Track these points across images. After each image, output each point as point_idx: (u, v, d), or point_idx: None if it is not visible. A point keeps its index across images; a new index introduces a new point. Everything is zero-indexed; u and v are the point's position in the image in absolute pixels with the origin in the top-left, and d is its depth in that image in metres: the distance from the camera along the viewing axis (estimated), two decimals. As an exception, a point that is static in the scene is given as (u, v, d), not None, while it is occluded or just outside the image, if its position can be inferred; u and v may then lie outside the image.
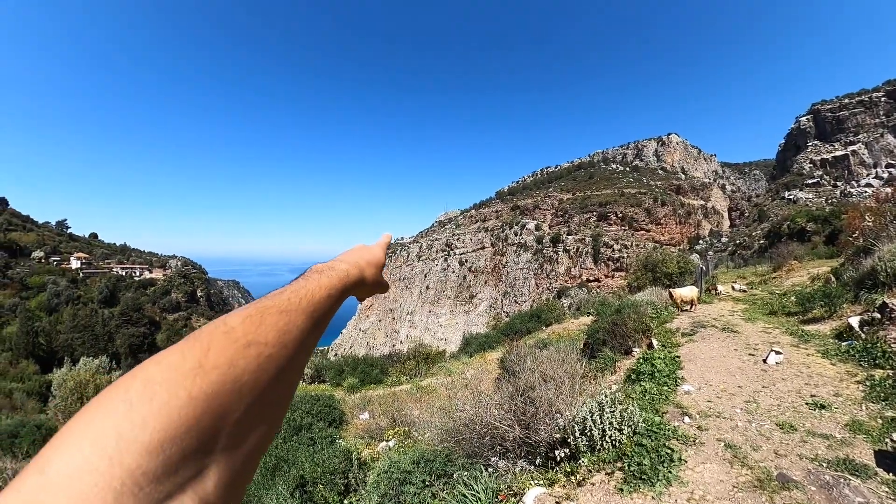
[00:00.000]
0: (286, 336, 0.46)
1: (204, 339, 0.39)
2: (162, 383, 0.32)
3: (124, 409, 0.29)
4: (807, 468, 4.59)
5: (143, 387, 0.32)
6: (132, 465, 0.27)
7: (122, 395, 0.31)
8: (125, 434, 0.28)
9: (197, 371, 0.35)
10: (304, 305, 0.51)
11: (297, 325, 0.48)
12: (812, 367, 7.91)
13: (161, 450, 0.29)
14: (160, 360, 0.35)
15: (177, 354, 0.36)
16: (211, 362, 0.37)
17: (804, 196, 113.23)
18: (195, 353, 0.37)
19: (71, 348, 50.81)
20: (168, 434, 0.30)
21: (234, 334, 0.41)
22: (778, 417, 5.94)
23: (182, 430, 0.31)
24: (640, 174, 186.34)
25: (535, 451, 5.82)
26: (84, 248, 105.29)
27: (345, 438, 11.21)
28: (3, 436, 12.07)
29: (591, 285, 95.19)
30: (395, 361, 27.40)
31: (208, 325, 0.42)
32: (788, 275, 23.24)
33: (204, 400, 0.34)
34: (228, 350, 0.39)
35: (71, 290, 74.99)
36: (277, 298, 0.50)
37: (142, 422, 0.29)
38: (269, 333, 0.44)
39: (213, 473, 0.35)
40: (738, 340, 10.33)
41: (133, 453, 0.27)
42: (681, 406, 6.66)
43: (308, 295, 0.54)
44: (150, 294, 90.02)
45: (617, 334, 11.84)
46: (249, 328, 0.42)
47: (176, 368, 0.34)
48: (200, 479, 0.33)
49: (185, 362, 0.35)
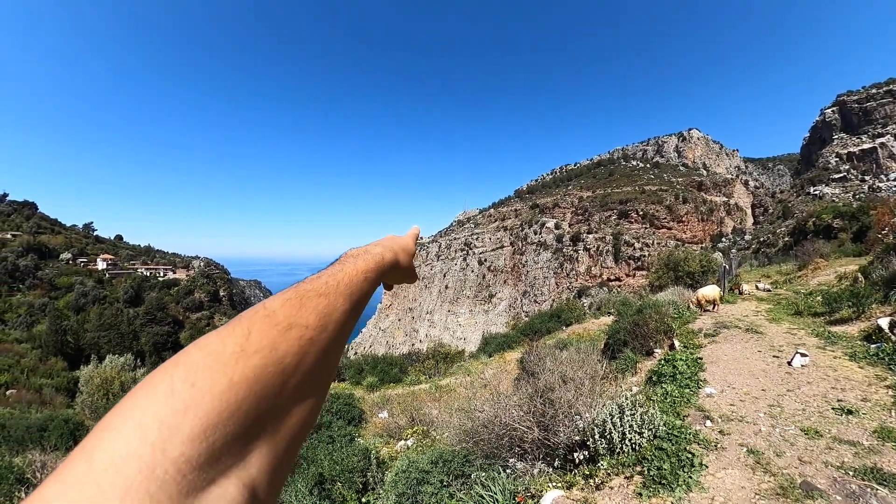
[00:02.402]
0: (326, 318, 0.46)
1: (245, 323, 0.39)
2: (204, 369, 0.32)
3: (166, 396, 0.29)
4: (832, 476, 4.47)
5: (186, 373, 0.32)
6: (175, 452, 0.27)
7: (165, 382, 0.31)
8: (167, 421, 0.28)
9: (239, 355, 0.35)
10: (342, 288, 0.52)
11: (336, 308, 0.48)
12: (839, 370, 7.72)
13: (204, 436, 0.29)
14: (202, 346, 0.35)
15: (218, 340, 0.36)
16: (253, 346, 0.36)
17: (830, 191, 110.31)
18: (237, 337, 0.37)
19: (97, 346, 51.92)
20: (211, 420, 0.30)
21: (274, 318, 0.41)
22: (803, 422, 5.80)
23: (225, 415, 0.31)
24: (660, 171, 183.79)
25: (554, 453, 5.79)
26: (110, 250, 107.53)
27: (363, 437, 11.30)
28: (33, 429, 12.45)
29: (612, 284, 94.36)
30: (414, 361, 27.51)
31: (249, 309, 0.43)
32: (814, 274, 22.73)
33: (246, 385, 0.34)
34: (270, 333, 0.39)
35: (97, 291, 76.77)
36: (316, 282, 0.50)
37: (184, 408, 0.29)
38: (310, 316, 0.44)
39: (257, 458, 0.35)
40: (762, 342, 10.14)
41: (176, 441, 0.27)
42: (703, 409, 6.56)
43: (346, 278, 0.54)
44: (173, 294, 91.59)
45: (638, 335, 11.73)
46: (290, 311, 0.43)
47: (218, 354, 0.34)
48: (244, 464, 0.33)
49: (226, 347, 0.35)
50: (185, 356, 0.34)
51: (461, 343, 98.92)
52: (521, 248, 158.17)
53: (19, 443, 11.43)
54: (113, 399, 15.66)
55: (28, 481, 7.54)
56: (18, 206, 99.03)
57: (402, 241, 0.83)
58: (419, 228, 0.99)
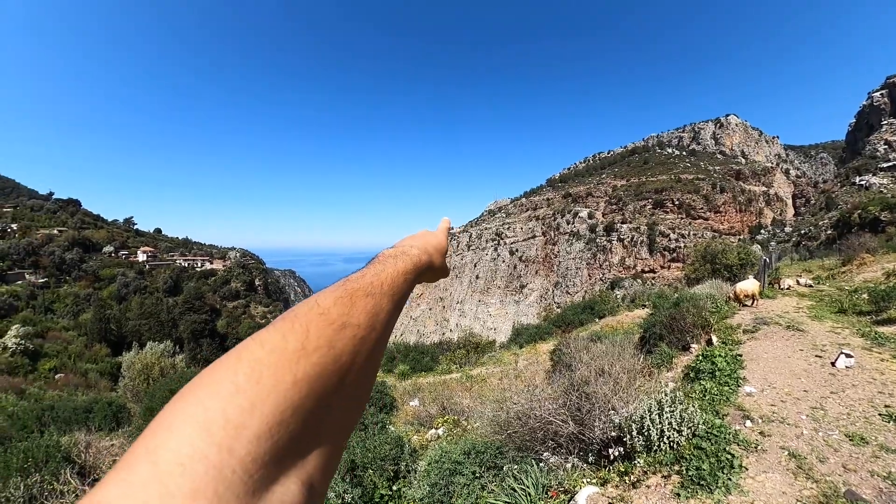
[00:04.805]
0: (374, 318, 0.47)
1: (301, 320, 0.40)
2: (268, 366, 0.32)
3: (231, 393, 0.29)
4: (878, 486, 4.29)
5: (251, 369, 0.32)
6: (242, 451, 0.27)
7: (229, 377, 0.31)
8: (234, 419, 0.28)
9: (301, 353, 0.35)
10: (385, 288, 0.53)
11: (382, 308, 0.50)
12: (887, 373, 7.40)
13: (269, 434, 0.29)
14: (263, 342, 0.35)
15: (279, 336, 0.36)
16: (313, 344, 0.37)
17: (878, 181, 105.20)
18: (297, 335, 0.37)
19: (139, 333, 53.97)
20: (276, 419, 0.30)
21: (329, 316, 0.42)
22: (847, 428, 5.60)
23: (289, 413, 0.31)
24: (697, 159, 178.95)
25: (588, 448, 5.78)
26: (149, 243, 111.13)
27: (395, 424, 11.46)
28: (80, 411, 13.10)
29: (646, 276, 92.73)
30: (445, 350, 27.71)
31: (300, 306, 0.44)
32: (860, 269, 21.85)
33: (308, 382, 0.34)
34: (326, 332, 0.40)
35: (138, 281, 79.82)
36: (362, 281, 0.52)
37: (250, 406, 0.29)
38: (361, 316, 0.45)
39: (315, 454, 0.35)
40: (803, 340, 9.83)
41: (242, 440, 0.27)
42: (742, 408, 6.43)
43: (388, 279, 0.56)
44: (210, 284, 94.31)
45: (675, 329, 11.52)
46: (343, 310, 0.44)
47: (280, 351, 0.34)
48: (304, 461, 0.33)
49: (288, 344, 0.35)
50: (247, 352, 0.34)
51: (491, 333, 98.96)
52: (553, 238, 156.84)
53: (66, 423, 11.98)
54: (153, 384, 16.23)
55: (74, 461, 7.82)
56: (64, 204, 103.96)
57: (435, 241, 0.84)
58: (449, 221, 1.00)
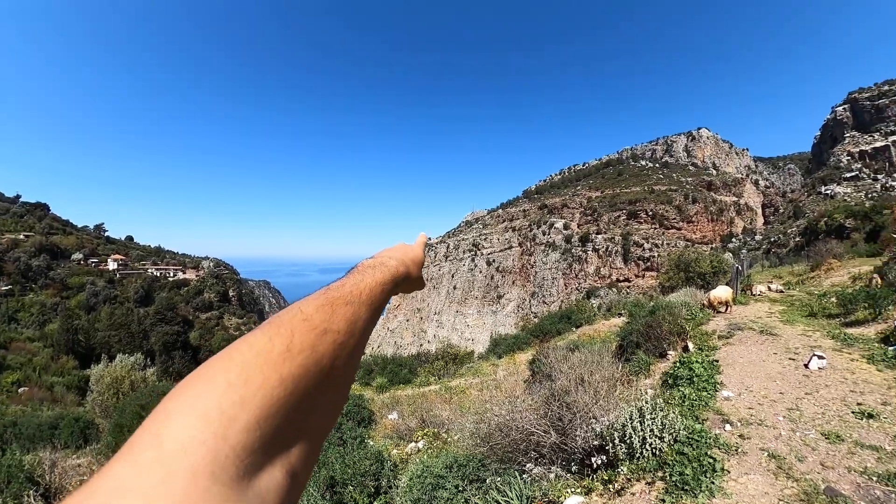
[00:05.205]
0: (354, 325, 0.52)
1: (286, 325, 0.43)
2: (256, 367, 0.36)
3: (225, 389, 0.33)
4: (856, 482, 4.42)
5: (241, 369, 0.36)
6: (234, 440, 0.31)
7: (222, 375, 0.35)
8: (228, 412, 0.32)
9: (286, 355, 0.39)
10: (364, 298, 0.57)
11: (360, 316, 0.54)
12: (857, 373, 7.63)
13: (258, 426, 0.33)
14: (252, 344, 0.39)
15: (265, 339, 0.40)
16: (297, 347, 0.41)
17: (842, 190, 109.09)
18: (283, 338, 0.41)
19: (108, 345, 52.30)
20: (263, 413, 0.34)
21: (312, 322, 0.46)
22: (823, 426, 5.74)
23: (275, 408, 0.35)
24: (670, 170, 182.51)
25: (571, 457, 5.75)
26: (120, 250, 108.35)
27: (373, 438, 11.27)
28: (45, 427, 12.47)
29: (622, 285, 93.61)
30: (423, 361, 27.52)
31: (284, 313, 0.47)
32: (827, 274, 22.52)
33: (293, 381, 0.38)
34: (309, 336, 0.44)
35: (108, 290, 77.60)
36: (342, 290, 0.55)
37: (241, 401, 0.33)
38: (341, 322, 0.49)
39: (298, 447, 0.39)
40: (777, 344, 10.04)
41: (235, 429, 0.31)
42: (721, 413, 6.50)
43: (367, 289, 0.59)
44: (183, 294, 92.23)
45: (651, 336, 11.65)
46: (324, 317, 0.48)
47: (267, 353, 0.38)
48: (288, 452, 0.38)
49: (274, 347, 0.39)
50: (237, 353, 0.38)
51: (469, 344, 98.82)
52: (529, 248, 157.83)
53: (30, 440, 11.45)
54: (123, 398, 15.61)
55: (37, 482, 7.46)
56: (31, 208, 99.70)
57: (413, 253, 0.87)
58: (426, 236, 1.04)
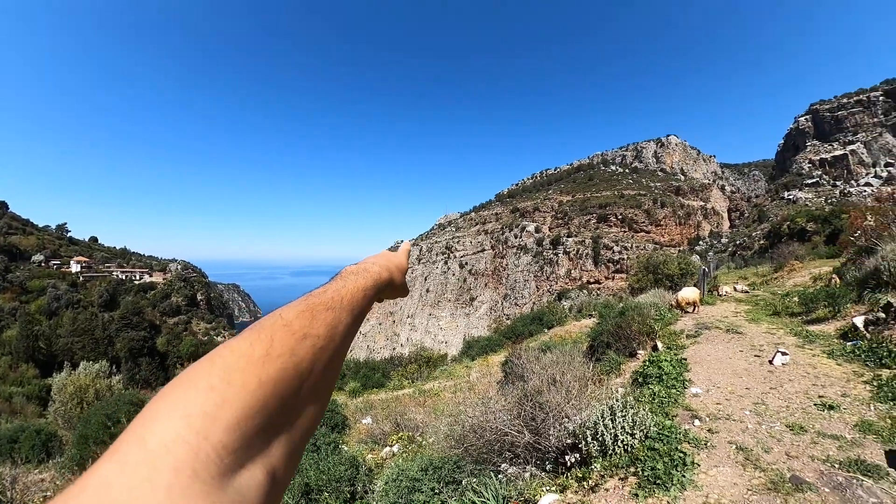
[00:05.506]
0: (334, 330, 0.53)
1: (267, 331, 0.45)
2: (237, 369, 0.38)
3: (207, 391, 0.35)
4: (819, 469, 4.59)
5: (222, 371, 0.37)
6: (215, 439, 0.32)
7: (204, 378, 0.36)
8: (209, 412, 0.33)
9: (266, 359, 0.41)
10: (345, 303, 0.59)
11: (341, 321, 0.55)
12: (818, 367, 7.91)
13: (238, 426, 0.34)
14: (233, 349, 0.41)
15: (247, 343, 0.42)
16: (276, 351, 0.42)
17: (804, 196, 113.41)
18: (262, 343, 0.42)
19: (71, 352, 50.62)
20: (244, 413, 0.35)
21: (292, 327, 0.47)
22: (787, 419, 5.94)
23: (255, 409, 0.36)
24: (639, 176, 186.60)
25: (545, 456, 5.79)
26: (84, 252, 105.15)
27: (347, 443, 11.14)
28: (3, 440, 11.86)
29: (592, 287, 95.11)
30: (396, 365, 27.35)
31: (265, 319, 0.49)
32: (790, 275, 23.30)
33: (272, 384, 0.40)
34: (289, 341, 0.45)
35: (71, 294, 75.02)
36: (323, 297, 0.57)
37: (222, 402, 0.34)
38: (321, 328, 0.51)
39: (277, 448, 0.40)
40: (742, 341, 10.32)
41: (216, 429, 0.32)
42: (690, 409, 6.65)
43: (348, 294, 0.61)
44: (150, 298, 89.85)
45: (621, 336, 11.83)
46: (304, 322, 0.49)
47: (248, 357, 0.40)
48: (268, 453, 0.39)
49: (255, 350, 0.41)
50: (219, 357, 0.40)
51: (443, 347, 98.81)
52: (501, 251, 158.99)
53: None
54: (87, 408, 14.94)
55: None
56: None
57: (397, 260, 0.90)
58: (409, 244, 1.07)
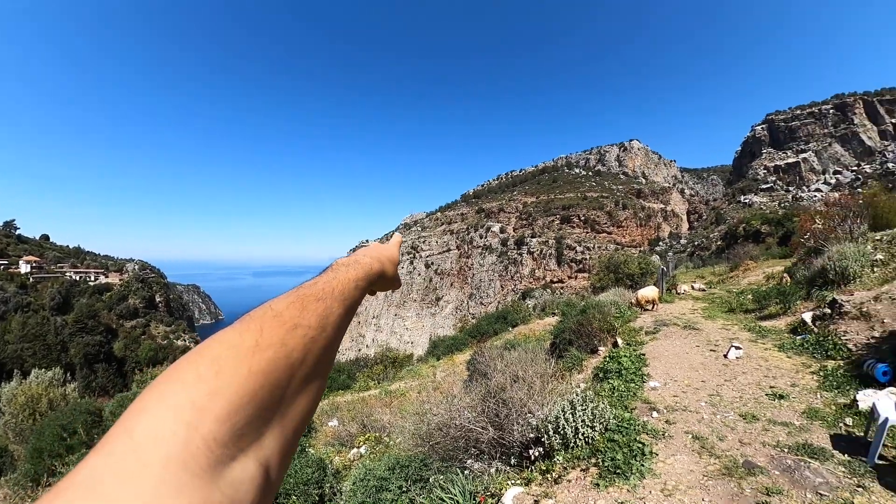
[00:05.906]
0: (325, 320, 0.52)
1: (256, 321, 0.44)
2: (226, 360, 0.37)
3: (195, 382, 0.34)
4: (770, 454, 4.86)
5: (211, 362, 0.36)
6: (205, 430, 0.31)
7: (193, 370, 0.36)
8: (199, 403, 0.32)
9: (255, 349, 0.40)
10: (336, 294, 0.58)
11: (332, 311, 0.55)
12: (770, 360, 8.33)
13: (228, 417, 0.33)
14: (222, 340, 0.40)
15: (236, 335, 0.41)
16: (266, 342, 0.41)
17: (759, 200, 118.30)
18: (252, 333, 0.42)
19: (21, 360, 48.36)
20: (234, 404, 0.34)
21: (281, 318, 0.46)
22: (741, 408, 6.23)
23: (245, 400, 0.36)
24: (602, 178, 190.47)
25: (510, 451, 5.87)
26: (34, 251, 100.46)
27: (314, 447, 11.01)
28: (-51, 457, 11.25)
29: (555, 286, 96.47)
30: (362, 366, 27.15)
31: (256, 311, 0.48)
32: (745, 274, 24.18)
33: (262, 375, 0.39)
34: (279, 331, 0.44)
35: (20, 297, 71.30)
36: (313, 288, 0.56)
37: (211, 393, 0.34)
38: (312, 318, 0.50)
39: (270, 440, 0.40)
40: (699, 337, 10.69)
41: (206, 421, 0.32)
42: (649, 402, 6.87)
43: (340, 285, 0.61)
44: (105, 300, 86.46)
45: (583, 334, 12.07)
46: (294, 313, 0.48)
47: (237, 347, 0.39)
48: (260, 444, 0.38)
49: (244, 341, 0.40)
50: (207, 349, 0.39)
51: (409, 347, 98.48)
52: (467, 251, 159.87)
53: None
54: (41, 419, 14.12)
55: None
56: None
57: (388, 252, 0.89)
58: (401, 237, 1.05)
